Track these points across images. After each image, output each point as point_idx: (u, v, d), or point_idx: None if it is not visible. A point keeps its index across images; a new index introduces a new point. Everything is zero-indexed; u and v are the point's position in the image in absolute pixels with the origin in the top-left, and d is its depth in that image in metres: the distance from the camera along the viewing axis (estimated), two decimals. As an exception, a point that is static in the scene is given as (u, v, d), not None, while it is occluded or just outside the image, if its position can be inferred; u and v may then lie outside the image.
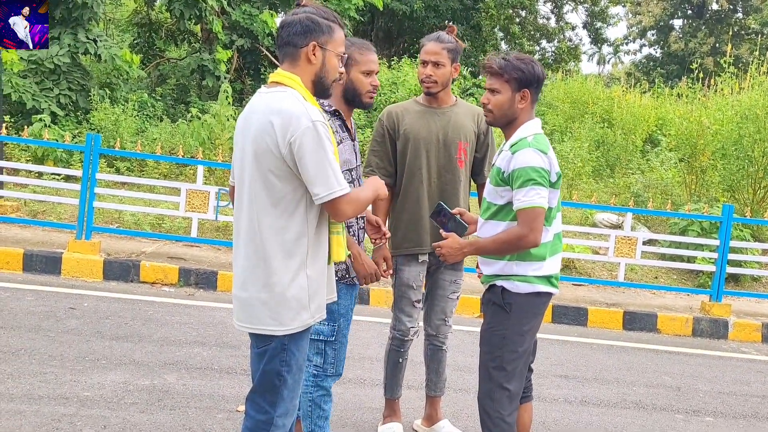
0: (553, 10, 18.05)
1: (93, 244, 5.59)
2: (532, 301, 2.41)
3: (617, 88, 11.28)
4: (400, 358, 3.09)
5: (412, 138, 2.95)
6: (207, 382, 3.56)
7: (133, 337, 4.11)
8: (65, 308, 4.56)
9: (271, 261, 1.91)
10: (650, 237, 6.79)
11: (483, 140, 3.06)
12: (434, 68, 2.89)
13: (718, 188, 8.19)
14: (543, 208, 2.30)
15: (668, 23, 25.37)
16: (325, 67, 1.99)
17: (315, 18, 1.97)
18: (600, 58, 26.00)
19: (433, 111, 2.98)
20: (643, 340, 5.52)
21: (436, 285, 3.10)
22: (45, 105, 8.03)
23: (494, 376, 2.42)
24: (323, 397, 2.44)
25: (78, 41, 8.31)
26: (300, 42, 1.96)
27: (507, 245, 2.35)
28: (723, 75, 8.32)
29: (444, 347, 3.16)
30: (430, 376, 3.19)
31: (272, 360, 1.95)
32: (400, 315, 3.04)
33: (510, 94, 2.38)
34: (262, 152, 1.88)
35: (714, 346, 5.55)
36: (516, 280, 2.39)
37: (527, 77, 2.36)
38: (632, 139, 9.45)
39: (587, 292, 6.35)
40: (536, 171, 2.28)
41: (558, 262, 2.47)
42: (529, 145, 2.32)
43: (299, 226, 1.92)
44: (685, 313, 5.95)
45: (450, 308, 3.11)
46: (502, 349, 2.41)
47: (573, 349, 5.04)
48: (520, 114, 2.40)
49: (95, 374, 3.50)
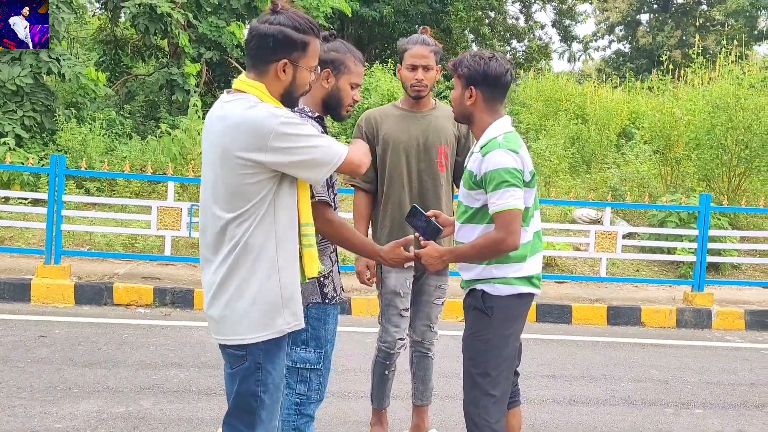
0: (521, 9, 18.23)
1: (63, 268, 5.44)
2: (513, 304, 2.34)
3: (589, 84, 11.36)
4: (386, 370, 3.02)
5: (392, 143, 2.90)
6: (185, 406, 3.44)
7: (107, 363, 3.98)
8: (35, 337, 4.41)
9: (240, 268, 1.85)
10: (630, 230, 6.80)
11: (464, 143, 3.00)
12: (424, 72, 2.84)
13: (694, 178, 8.25)
14: (519, 210, 2.24)
15: (635, 18, 25.75)
16: (295, 82, 1.91)
17: (289, 33, 1.85)
18: (570, 56, 26.33)
19: (413, 115, 2.93)
20: (629, 334, 5.49)
21: (421, 290, 3.03)
22: (9, 128, 7.85)
23: (479, 382, 2.35)
24: (307, 423, 2.33)
25: (40, 61, 8.09)
26: (270, 57, 1.86)
27: (486, 250, 2.29)
28: (692, 66, 8.41)
29: (430, 354, 3.09)
30: (416, 385, 3.12)
31: (247, 380, 1.87)
32: (387, 325, 2.96)
33: (460, 91, 2.35)
34: (229, 164, 1.82)
35: (699, 337, 5.55)
36: (496, 282, 2.33)
37: (472, 74, 2.30)
38: (606, 134, 9.50)
39: (570, 289, 6.32)
40: (509, 172, 2.22)
41: (539, 261, 2.41)
42: (500, 146, 2.26)
43: (267, 231, 1.86)
44: (668, 305, 5.94)
45: (435, 314, 3.05)
46: (486, 354, 2.34)
47: (558, 347, 4.99)
48: (475, 112, 2.34)
49: (67, 404, 3.36)
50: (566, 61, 26.79)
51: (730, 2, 20.13)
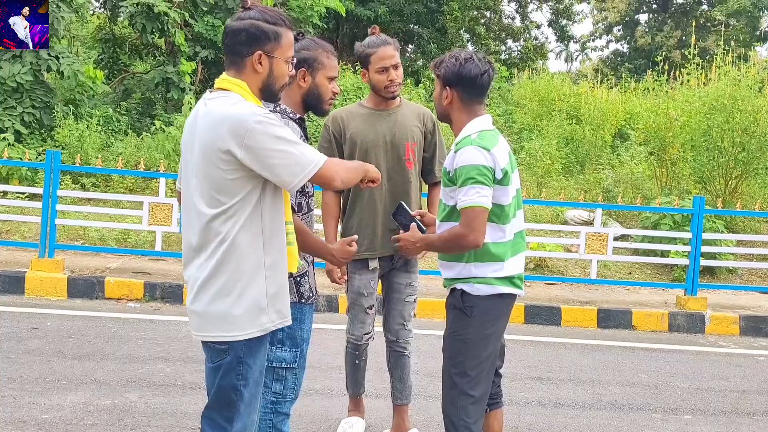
0: (517, 9, 18.12)
1: (56, 262, 5.48)
2: (493, 304, 2.33)
3: (584, 85, 11.25)
4: (356, 360, 3.08)
5: (359, 141, 2.95)
6: (169, 399, 3.45)
7: (96, 356, 4.00)
8: (27, 328, 4.44)
9: (226, 265, 1.85)
10: (622, 232, 6.69)
11: (430, 139, 3.08)
12: (395, 71, 2.88)
13: (689, 180, 8.15)
14: (483, 208, 2.23)
15: (634, 18, 25.67)
16: (273, 74, 1.93)
17: (260, 25, 1.89)
18: (568, 56, 26.22)
19: (379, 113, 2.97)
20: (619, 337, 5.38)
21: (391, 289, 3.08)
22: (8, 124, 7.95)
23: (457, 382, 2.33)
24: (283, 421, 2.34)
25: (40, 59, 8.21)
26: (245, 51, 1.90)
27: (449, 244, 2.31)
28: (688, 66, 8.30)
29: (406, 353, 3.09)
30: (394, 384, 3.12)
31: (228, 374, 1.88)
32: (353, 321, 3.04)
33: (439, 90, 2.38)
34: (212, 160, 1.83)
35: (691, 341, 5.44)
36: (475, 282, 2.31)
37: (448, 75, 2.32)
38: (601, 134, 9.40)
39: (560, 290, 6.21)
40: (476, 168, 2.23)
41: (521, 261, 2.39)
42: (471, 143, 2.27)
43: (254, 229, 1.87)
44: (660, 309, 5.83)
45: (408, 312, 3.06)
46: (465, 354, 2.33)
47: (546, 349, 4.88)
48: (451, 111, 2.36)
49: (55, 396, 3.38)
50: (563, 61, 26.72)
51: (732, 2, 20.04)
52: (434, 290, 5.73)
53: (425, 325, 5.20)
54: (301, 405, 3.44)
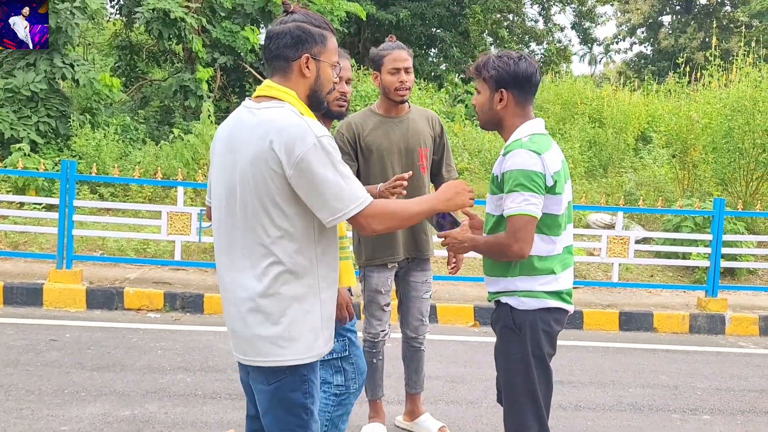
0: (540, 12, 18.10)
1: (75, 273, 5.45)
2: (542, 318, 2.17)
3: (607, 87, 11.25)
4: (374, 359, 3.11)
5: (375, 149, 2.96)
6: (190, 409, 3.45)
7: (115, 367, 4.01)
8: (46, 340, 4.43)
9: (279, 288, 1.76)
10: (643, 235, 6.74)
11: (438, 142, 3.13)
12: (407, 74, 2.92)
13: (711, 182, 8.14)
14: (532, 216, 2.09)
15: (657, 20, 25.38)
16: (320, 79, 1.84)
17: (306, 27, 1.81)
18: (591, 59, 26.01)
19: (392, 120, 3.01)
20: (640, 340, 5.45)
21: (409, 287, 3.15)
22: (24, 134, 7.76)
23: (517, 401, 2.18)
24: (342, 417, 2.35)
25: (54, 66, 8.01)
26: (291, 55, 1.81)
27: (494, 250, 2.19)
28: (709, 68, 8.29)
29: (422, 347, 3.21)
30: (409, 375, 3.24)
31: (294, 394, 1.78)
32: (370, 319, 3.09)
33: (488, 95, 2.21)
34: (264, 175, 1.72)
35: (711, 342, 5.48)
36: (521, 295, 2.18)
37: (502, 76, 2.16)
38: (624, 137, 9.41)
39: (582, 294, 6.29)
40: (525, 173, 2.08)
41: (570, 276, 2.25)
42: (521, 146, 2.12)
43: (309, 250, 1.78)
44: (681, 311, 5.88)
45: (425, 308, 3.17)
46: (520, 375, 2.18)
47: (568, 353, 4.97)
48: (505, 115, 2.21)
49: (74, 407, 3.39)
50: (587, 63, 26.52)
51: (755, 3, 19.73)
52: (456, 296, 5.86)
53: (447, 330, 5.32)
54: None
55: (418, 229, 3.08)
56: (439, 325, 5.48)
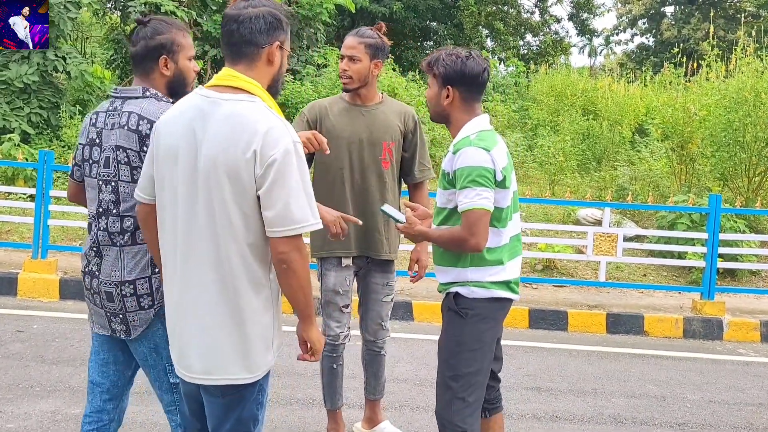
0: (536, 3, 17.72)
1: (49, 263, 5.40)
2: (489, 307, 2.30)
3: (602, 79, 10.90)
4: (334, 363, 2.97)
5: (334, 136, 2.82)
6: (143, 408, 3.30)
7: (76, 361, 3.89)
8: (12, 331, 4.37)
9: (241, 298, 1.67)
10: (633, 233, 6.40)
11: (411, 139, 2.97)
12: (350, 63, 2.78)
13: (710, 177, 7.78)
14: (485, 210, 2.18)
15: (659, 11, 24.94)
16: (281, 69, 1.80)
17: (277, 13, 1.74)
18: (591, 50, 25.59)
19: (358, 109, 2.90)
20: (629, 344, 5.12)
21: (369, 289, 3.01)
22: (15, 124, 7.97)
23: (451, 386, 2.28)
24: None
25: (47, 59, 8.18)
26: (263, 41, 1.71)
27: (450, 244, 2.28)
28: (707, 58, 7.93)
29: (382, 352, 3.07)
30: (368, 380, 3.10)
31: (248, 406, 1.75)
32: (328, 321, 2.93)
33: (437, 90, 2.30)
34: (235, 172, 1.61)
35: (707, 348, 5.15)
36: (472, 285, 2.29)
37: (449, 73, 2.25)
38: (619, 130, 9.06)
39: (569, 293, 5.96)
40: (477, 170, 2.17)
41: (517, 265, 2.37)
42: (471, 144, 2.22)
43: (266, 260, 1.69)
44: (674, 314, 5.54)
45: (386, 311, 3.02)
46: (459, 357, 2.28)
47: (549, 357, 4.66)
48: (451, 111, 2.30)
49: (25, 403, 3.29)
50: (586, 55, 26.11)
51: (762, -8, 19.30)
52: (434, 293, 5.55)
53: (423, 329, 5.03)
54: (278, 414, 3.33)
55: (370, 227, 2.89)
56: (415, 323, 5.22)
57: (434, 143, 8.19)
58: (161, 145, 1.71)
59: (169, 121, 1.71)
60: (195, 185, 1.65)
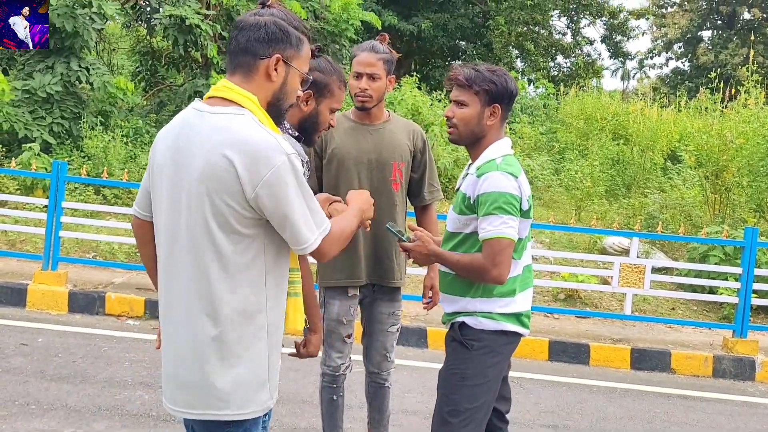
0: (568, 25, 17.53)
1: (59, 274, 5.36)
2: (497, 340, 2.16)
3: (635, 103, 10.65)
4: (334, 395, 2.85)
5: (342, 158, 2.71)
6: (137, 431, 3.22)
7: (76, 378, 3.83)
8: (16, 344, 4.31)
9: (226, 328, 1.54)
10: (662, 264, 6.14)
11: (420, 159, 2.84)
12: (369, 81, 2.66)
13: (746, 208, 7.47)
14: (511, 240, 2.07)
15: (696, 35, 24.45)
16: (286, 87, 1.63)
17: (284, 25, 1.61)
18: (624, 73, 25.18)
19: (365, 128, 2.76)
20: (654, 381, 4.87)
21: (374, 319, 2.87)
22: (37, 134, 8.05)
23: (450, 422, 2.14)
24: None
25: (70, 69, 8.30)
26: (261, 51, 1.59)
27: (468, 272, 2.14)
28: (746, 84, 7.66)
29: (387, 384, 2.94)
30: (372, 413, 2.98)
31: None
32: (329, 351, 2.81)
33: (479, 109, 2.15)
34: (217, 193, 1.51)
35: (738, 390, 4.87)
36: (480, 316, 2.16)
37: (499, 90, 2.14)
38: (650, 156, 8.80)
39: (591, 325, 5.73)
40: (504, 197, 2.06)
41: (528, 298, 2.24)
42: (498, 168, 2.10)
43: (259, 283, 1.56)
44: (704, 351, 5.27)
45: (390, 342, 2.89)
46: (461, 391, 2.15)
47: (569, 392, 4.45)
48: (489, 132, 2.18)
49: (19, 422, 3.21)
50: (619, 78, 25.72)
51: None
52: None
53: (438, 357, 4.85)
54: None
55: (381, 253, 2.77)
56: (429, 351, 5.05)
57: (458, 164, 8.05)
58: (155, 160, 1.64)
59: (163, 135, 1.64)
60: (179, 201, 1.56)
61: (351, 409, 3.42)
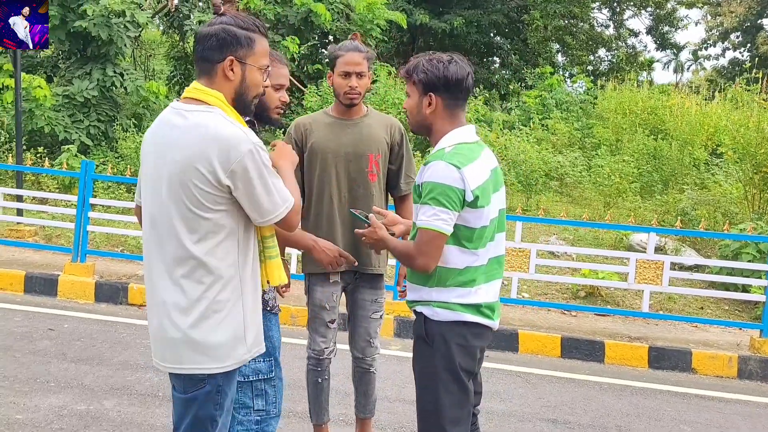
0: (611, 17, 16.97)
1: (87, 266, 5.72)
2: (457, 332, 2.12)
3: (674, 96, 10.25)
4: (319, 377, 2.96)
5: (320, 151, 2.86)
6: (143, 410, 3.45)
7: (94, 360, 4.11)
8: (44, 329, 4.64)
9: (202, 291, 1.79)
10: (692, 262, 5.94)
11: (397, 151, 2.95)
12: (357, 79, 2.81)
13: (787, 204, 7.11)
14: (438, 233, 2.05)
15: (756, 23, 23.13)
16: (245, 83, 1.87)
17: (231, 30, 1.84)
18: (677, 65, 24.09)
19: (344, 123, 2.90)
20: (672, 381, 4.74)
21: (357, 306, 2.98)
22: (75, 136, 8.58)
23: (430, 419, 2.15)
24: None
25: (106, 75, 8.91)
26: (216, 57, 1.84)
27: (402, 259, 2.19)
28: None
29: (372, 369, 3.02)
30: (358, 398, 3.08)
31: (206, 405, 1.83)
32: (314, 335, 2.94)
33: (417, 98, 2.17)
34: (190, 178, 1.76)
35: (763, 392, 4.67)
36: (435, 306, 2.14)
37: (430, 79, 2.12)
38: (689, 150, 8.48)
39: (610, 323, 5.61)
40: (440, 188, 2.04)
41: (494, 289, 2.20)
42: (442, 158, 2.08)
43: (233, 255, 1.82)
44: (729, 351, 5.08)
45: (374, 328, 2.98)
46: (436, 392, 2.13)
47: (576, 388, 4.39)
48: (434, 120, 2.17)
49: (37, 397, 3.50)
50: (671, 71, 24.66)
51: None
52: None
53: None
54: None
55: (358, 240, 2.81)
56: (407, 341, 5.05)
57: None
58: (143, 153, 1.90)
59: (150, 132, 1.90)
60: (159, 193, 1.80)
61: (348, 396, 3.51)
